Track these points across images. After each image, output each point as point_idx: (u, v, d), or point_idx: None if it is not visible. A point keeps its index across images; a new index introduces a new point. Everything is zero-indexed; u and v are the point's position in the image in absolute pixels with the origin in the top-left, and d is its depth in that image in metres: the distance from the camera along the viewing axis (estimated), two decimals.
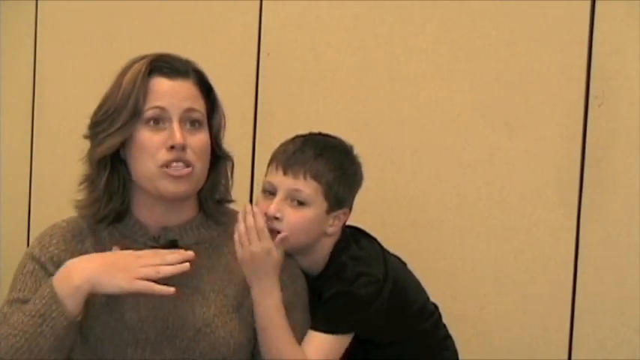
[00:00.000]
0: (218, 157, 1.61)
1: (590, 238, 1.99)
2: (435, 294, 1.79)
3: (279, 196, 1.60)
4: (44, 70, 2.57)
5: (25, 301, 1.48)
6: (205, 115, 1.57)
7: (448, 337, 1.79)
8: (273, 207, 1.60)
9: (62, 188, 2.53)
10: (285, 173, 1.61)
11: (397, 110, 2.14)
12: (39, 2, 2.57)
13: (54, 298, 1.42)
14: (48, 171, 2.59)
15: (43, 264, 1.53)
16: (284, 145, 1.66)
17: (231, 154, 1.64)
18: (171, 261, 1.43)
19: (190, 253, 1.45)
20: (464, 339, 1.84)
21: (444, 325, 1.79)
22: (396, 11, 2.14)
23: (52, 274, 1.49)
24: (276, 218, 1.60)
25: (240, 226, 1.56)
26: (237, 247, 1.56)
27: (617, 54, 1.96)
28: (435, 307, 1.79)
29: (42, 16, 2.57)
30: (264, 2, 2.28)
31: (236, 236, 1.56)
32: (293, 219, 1.60)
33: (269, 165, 1.65)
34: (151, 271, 1.42)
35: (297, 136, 1.67)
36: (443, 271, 2.09)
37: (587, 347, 2.00)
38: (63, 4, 2.54)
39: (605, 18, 1.96)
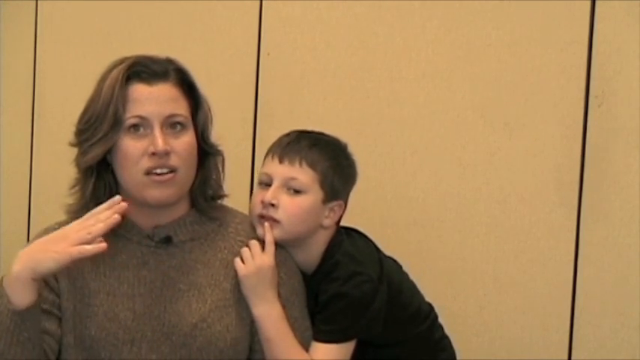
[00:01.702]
0: (207, 154, 1.61)
1: (590, 238, 1.99)
2: (435, 294, 1.79)
3: (276, 183, 1.61)
4: (44, 70, 2.57)
5: None
6: (189, 116, 1.56)
7: (445, 338, 1.78)
8: (270, 194, 1.60)
9: (62, 188, 2.53)
10: (280, 162, 1.61)
11: (397, 110, 2.14)
12: (39, 2, 2.57)
13: (0, 292, 1.42)
14: (48, 171, 2.58)
15: None
16: (279, 139, 1.67)
17: (220, 147, 1.63)
18: (104, 217, 1.42)
19: (123, 205, 1.44)
20: (464, 339, 1.84)
21: (441, 326, 1.78)
22: (396, 11, 2.14)
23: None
24: (272, 205, 1.60)
25: (244, 248, 1.59)
26: (239, 265, 1.57)
27: (617, 54, 1.96)
28: (431, 307, 1.77)
29: (42, 16, 2.57)
30: (264, 2, 2.28)
31: (237, 259, 1.58)
32: (289, 207, 1.60)
33: (265, 157, 1.66)
34: (83, 234, 1.40)
35: (293, 131, 1.69)
36: (443, 271, 2.09)
37: (587, 347, 2.00)
38: (63, 4, 2.54)
39: (605, 18, 1.96)
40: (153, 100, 1.51)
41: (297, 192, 1.61)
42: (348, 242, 1.67)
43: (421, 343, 1.73)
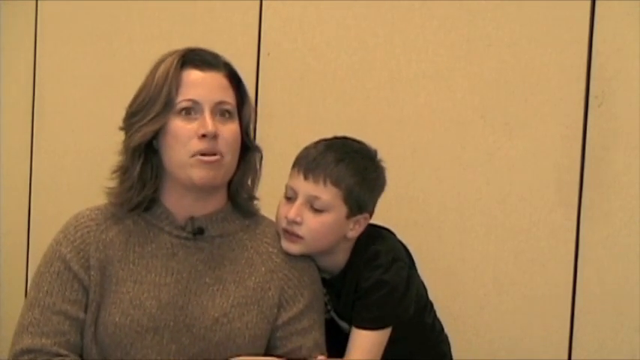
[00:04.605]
0: (248, 149, 1.64)
1: (590, 238, 2.00)
2: (435, 294, 1.79)
3: (300, 200, 1.62)
4: (44, 70, 2.57)
5: (56, 312, 1.52)
6: (235, 107, 1.60)
7: (443, 330, 1.81)
8: (293, 211, 1.61)
9: (62, 188, 2.54)
10: (305, 178, 1.61)
11: (397, 110, 2.14)
12: (39, 2, 2.57)
13: None
14: (48, 171, 2.59)
15: (68, 263, 1.56)
16: (307, 149, 1.66)
17: (259, 145, 1.66)
18: None
19: None
20: (464, 339, 1.84)
21: (439, 319, 1.80)
22: (396, 11, 2.14)
23: (76, 274, 1.54)
24: (296, 222, 1.61)
25: None
26: None
27: (617, 54, 1.96)
28: (431, 301, 1.79)
29: (42, 16, 2.57)
30: (264, 2, 2.28)
31: None
32: (313, 224, 1.61)
33: (292, 169, 1.66)
34: None
35: (321, 140, 1.67)
36: (443, 271, 2.09)
37: (587, 347, 2.00)
38: (63, 4, 2.54)
39: (605, 18, 1.96)
40: (205, 85, 1.57)
41: (320, 210, 1.61)
42: (374, 230, 1.69)
43: (427, 334, 1.76)
